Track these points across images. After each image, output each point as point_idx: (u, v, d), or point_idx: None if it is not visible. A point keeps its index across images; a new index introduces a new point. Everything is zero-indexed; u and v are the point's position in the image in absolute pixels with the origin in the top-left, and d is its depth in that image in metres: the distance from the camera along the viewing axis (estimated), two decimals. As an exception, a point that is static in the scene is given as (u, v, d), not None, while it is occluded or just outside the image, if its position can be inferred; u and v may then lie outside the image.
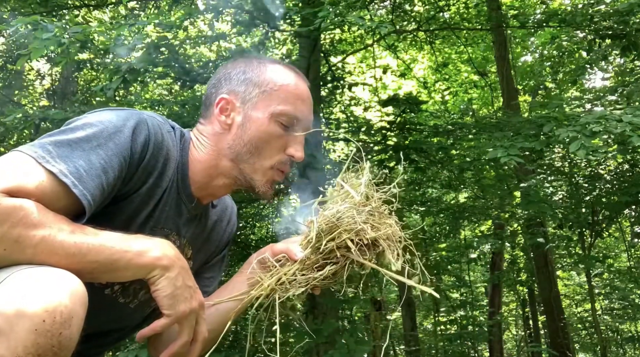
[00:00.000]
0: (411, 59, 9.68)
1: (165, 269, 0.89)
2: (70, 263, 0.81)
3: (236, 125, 1.04)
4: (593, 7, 5.42)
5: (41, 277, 0.75)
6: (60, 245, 0.81)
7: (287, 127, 1.04)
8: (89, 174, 0.87)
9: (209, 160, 1.07)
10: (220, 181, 1.08)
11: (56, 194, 0.85)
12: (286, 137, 1.04)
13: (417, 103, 5.70)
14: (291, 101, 1.04)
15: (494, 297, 8.56)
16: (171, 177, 1.03)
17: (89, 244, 0.84)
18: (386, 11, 6.94)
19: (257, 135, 1.03)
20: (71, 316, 0.73)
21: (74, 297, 0.75)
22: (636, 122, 3.41)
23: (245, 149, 1.03)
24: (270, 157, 1.04)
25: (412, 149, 5.42)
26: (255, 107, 1.04)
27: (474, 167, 5.84)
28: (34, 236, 0.80)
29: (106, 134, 0.92)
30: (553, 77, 8.26)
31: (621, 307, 8.89)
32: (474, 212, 6.91)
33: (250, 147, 1.03)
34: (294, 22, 5.20)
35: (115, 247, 0.86)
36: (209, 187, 1.09)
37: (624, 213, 7.07)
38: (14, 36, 3.87)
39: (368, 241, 0.99)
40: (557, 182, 6.69)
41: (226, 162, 1.05)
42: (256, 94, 1.04)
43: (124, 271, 0.87)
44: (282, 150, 1.05)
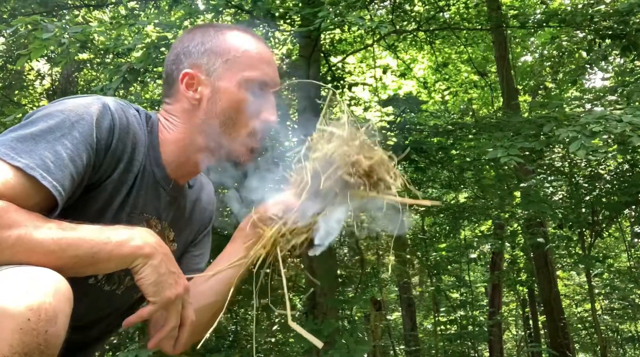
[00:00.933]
0: (411, 59, 9.68)
1: (147, 257, 0.88)
2: (50, 260, 0.80)
3: (205, 99, 1.02)
4: (593, 7, 5.42)
5: (22, 276, 0.75)
6: (37, 243, 0.80)
7: (256, 93, 1.02)
8: (56, 165, 0.85)
9: (183, 138, 1.04)
10: (197, 157, 1.05)
11: (26, 190, 0.84)
12: (258, 103, 1.02)
13: (417, 103, 5.70)
14: (256, 66, 1.02)
15: (494, 297, 8.56)
16: (142, 161, 1.01)
17: (67, 239, 0.83)
18: (386, 11, 6.94)
19: (229, 105, 1.01)
20: (56, 313, 0.73)
21: (58, 294, 0.74)
22: (636, 122, 3.42)
23: (219, 122, 1.01)
24: (246, 125, 1.02)
25: (412, 149, 5.42)
26: (221, 78, 1.02)
27: (474, 167, 5.84)
28: (9, 236, 0.79)
29: (69, 123, 0.89)
30: (553, 77, 8.26)
31: (621, 307, 8.90)
32: (474, 212, 6.91)
33: (224, 119, 1.01)
34: (294, 22, 5.20)
35: (95, 240, 0.85)
36: (186, 165, 1.06)
37: (624, 213, 7.07)
38: (14, 36, 3.88)
39: (364, 171, 0.97)
40: (557, 182, 6.69)
41: (202, 137, 1.03)
42: (220, 64, 1.02)
43: (106, 262, 0.86)
44: (257, 116, 1.02)
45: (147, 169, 1.02)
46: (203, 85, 1.02)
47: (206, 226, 1.26)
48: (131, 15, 5.95)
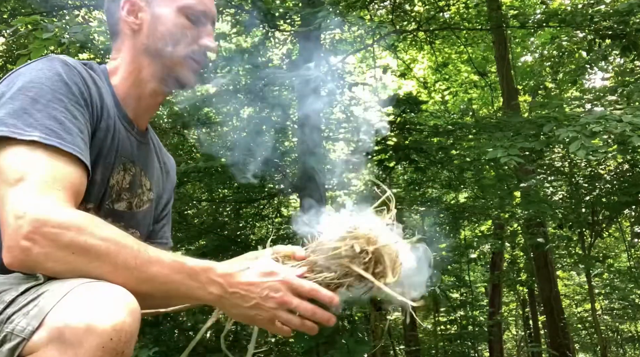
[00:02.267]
0: (411, 59, 9.68)
1: (216, 303, 0.93)
2: (129, 282, 0.81)
3: (146, 24, 1.05)
4: (593, 7, 5.42)
5: (106, 294, 0.76)
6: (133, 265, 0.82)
7: (194, 20, 1.06)
8: (64, 131, 0.87)
9: (131, 69, 1.07)
10: (149, 86, 1.08)
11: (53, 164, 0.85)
12: (196, 30, 1.06)
13: (417, 103, 5.69)
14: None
15: (494, 297, 8.56)
16: (109, 105, 1.03)
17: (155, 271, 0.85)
18: (386, 11, 6.94)
19: (169, 29, 1.04)
20: (133, 334, 0.75)
21: (134, 315, 0.76)
22: (636, 122, 3.42)
23: (161, 44, 1.04)
24: (185, 48, 1.05)
25: (412, 149, 5.42)
26: (161, 5, 1.05)
27: (474, 167, 5.84)
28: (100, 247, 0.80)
29: (47, 89, 0.90)
30: (553, 77, 8.26)
31: (621, 307, 8.89)
32: (474, 212, 6.91)
33: (165, 41, 1.04)
34: (294, 22, 5.20)
35: (176, 279, 0.87)
36: (142, 101, 1.08)
37: (624, 213, 7.07)
38: (14, 36, 3.88)
39: (372, 255, 0.97)
40: (557, 182, 6.69)
41: (147, 62, 1.06)
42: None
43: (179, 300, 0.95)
44: (195, 42, 1.06)
45: (115, 119, 1.04)
46: (143, 11, 1.06)
47: (171, 195, 1.28)
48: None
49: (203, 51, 1.07)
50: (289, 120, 6.37)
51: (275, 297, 0.91)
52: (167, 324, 5.86)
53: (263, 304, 0.91)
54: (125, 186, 1.06)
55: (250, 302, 0.91)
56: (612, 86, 5.79)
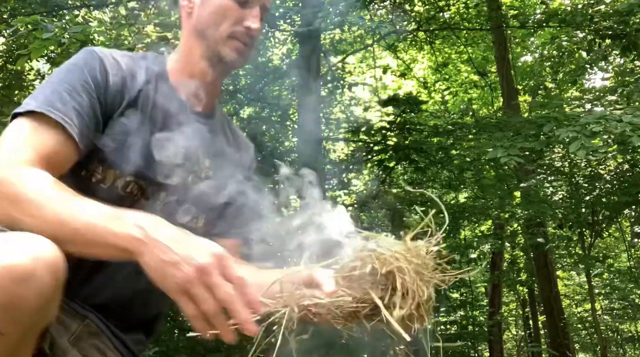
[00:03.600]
0: (411, 59, 9.68)
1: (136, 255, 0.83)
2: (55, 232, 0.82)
3: (197, 5, 1.15)
4: (593, 7, 5.42)
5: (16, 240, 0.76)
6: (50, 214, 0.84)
7: (240, 3, 1.13)
8: (61, 102, 0.98)
9: (183, 51, 1.17)
10: (197, 67, 1.16)
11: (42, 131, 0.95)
12: (242, 11, 1.12)
13: (417, 103, 5.70)
14: None
15: (494, 297, 8.56)
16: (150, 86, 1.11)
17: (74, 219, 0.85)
18: (386, 11, 6.94)
19: (214, 10, 1.12)
20: (28, 276, 0.73)
21: (38, 260, 0.74)
22: (636, 122, 3.42)
23: (206, 25, 1.13)
24: (228, 28, 1.12)
25: (412, 149, 5.42)
26: None
27: (474, 167, 5.84)
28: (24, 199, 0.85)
29: (63, 73, 1.04)
30: (553, 77, 8.26)
31: (621, 307, 8.90)
32: (474, 212, 6.91)
33: (210, 22, 1.13)
34: (294, 22, 5.20)
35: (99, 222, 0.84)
36: (195, 81, 1.16)
37: (624, 213, 7.07)
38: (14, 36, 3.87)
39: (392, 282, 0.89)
40: (557, 182, 6.69)
41: (197, 43, 1.15)
42: None
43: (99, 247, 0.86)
44: (239, 23, 1.13)
45: (166, 99, 1.13)
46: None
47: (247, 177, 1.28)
48: (131, 15, 5.95)
49: (246, 32, 1.13)
50: (289, 120, 6.37)
51: (199, 263, 0.80)
52: (167, 324, 5.85)
53: (182, 266, 0.80)
54: (178, 161, 1.11)
55: (170, 257, 0.81)
56: (612, 86, 5.80)
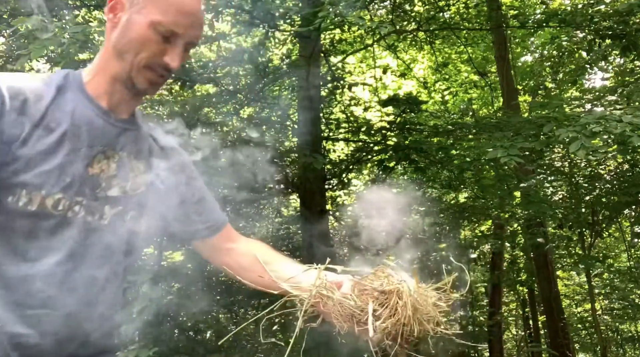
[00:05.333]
0: (411, 59, 9.68)
1: None
2: None
3: (121, 24, 1.10)
4: (593, 7, 5.42)
5: None
6: None
7: (165, 37, 1.09)
8: None
9: (101, 64, 1.14)
10: (112, 83, 1.13)
11: None
12: (164, 46, 1.09)
13: (417, 103, 5.69)
14: (171, 13, 1.08)
15: (494, 297, 8.56)
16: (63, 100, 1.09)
17: None
18: (386, 11, 6.93)
19: (136, 37, 1.08)
20: None
21: None
22: (636, 122, 3.42)
23: (125, 48, 1.09)
24: (147, 59, 1.09)
25: (412, 149, 5.42)
26: (139, 12, 1.09)
27: (474, 167, 5.83)
28: None
29: None
30: (553, 77, 8.26)
31: (621, 307, 8.89)
32: (474, 212, 6.91)
33: (129, 46, 1.09)
34: (294, 22, 5.20)
35: None
36: (113, 94, 1.14)
37: (624, 213, 7.07)
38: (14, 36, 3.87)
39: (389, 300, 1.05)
40: (557, 182, 6.69)
41: (113, 58, 1.12)
42: (143, 0, 1.10)
43: None
44: (160, 57, 1.10)
45: (82, 109, 1.10)
46: (124, 12, 1.11)
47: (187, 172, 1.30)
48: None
49: (163, 66, 1.10)
50: (289, 120, 6.37)
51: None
52: (167, 324, 5.85)
53: None
54: (113, 172, 1.10)
55: None
56: (612, 86, 5.79)
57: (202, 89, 6.52)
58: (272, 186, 6.85)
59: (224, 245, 1.33)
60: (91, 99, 1.12)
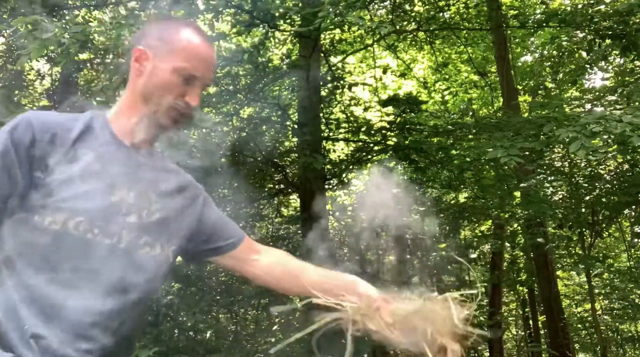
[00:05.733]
0: (411, 59, 9.68)
1: None
2: None
3: (147, 72, 1.27)
4: (593, 7, 5.42)
5: None
6: None
7: (186, 80, 1.25)
8: None
9: (126, 104, 1.29)
10: (139, 122, 1.27)
11: None
12: (185, 88, 1.26)
13: (417, 103, 5.70)
14: (191, 60, 1.26)
15: (494, 297, 8.55)
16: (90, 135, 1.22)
17: None
18: (386, 11, 6.94)
19: (161, 82, 1.25)
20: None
21: None
22: (636, 122, 3.42)
23: (151, 92, 1.25)
24: (171, 101, 1.25)
25: (412, 149, 5.42)
26: (162, 61, 1.26)
27: (474, 167, 5.83)
28: None
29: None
30: (553, 77, 8.26)
31: (621, 307, 8.89)
32: (474, 212, 6.91)
33: (155, 91, 1.25)
34: (294, 22, 5.19)
35: None
36: (135, 132, 1.28)
37: (624, 213, 7.07)
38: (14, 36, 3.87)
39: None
40: (557, 182, 6.69)
41: (139, 102, 1.27)
42: (165, 49, 1.27)
43: None
44: (181, 97, 1.26)
45: (107, 145, 1.24)
46: (149, 61, 1.27)
47: (200, 200, 1.42)
48: (131, 15, 5.94)
49: (185, 106, 1.26)
50: (289, 120, 6.37)
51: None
52: (167, 324, 5.86)
53: None
54: (131, 200, 1.22)
55: None
56: (612, 86, 5.79)
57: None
58: (272, 186, 6.85)
59: (248, 257, 1.45)
60: (115, 136, 1.26)
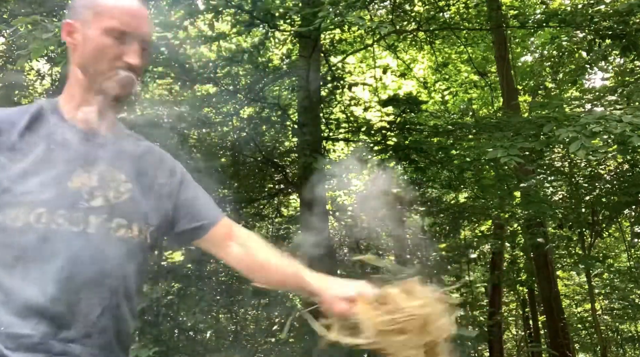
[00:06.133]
0: (411, 59, 9.68)
1: None
2: None
3: (79, 44, 1.22)
4: (593, 7, 5.42)
5: None
6: None
7: (118, 39, 1.20)
8: None
9: (71, 83, 1.25)
10: (87, 96, 1.23)
11: None
12: (121, 48, 1.20)
13: (417, 103, 5.69)
14: (117, 16, 1.20)
15: (494, 297, 8.55)
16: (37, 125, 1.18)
17: None
18: (386, 11, 6.94)
19: (94, 47, 1.20)
20: None
21: None
22: (636, 122, 3.42)
23: (88, 61, 1.20)
24: (109, 63, 1.19)
25: (412, 149, 5.42)
26: (90, 27, 1.21)
27: (474, 167, 5.83)
28: None
29: None
30: (553, 77, 8.26)
31: (621, 307, 8.89)
32: (474, 212, 6.90)
33: (92, 59, 1.20)
34: (294, 22, 5.19)
35: None
36: (85, 105, 1.23)
37: (624, 213, 7.07)
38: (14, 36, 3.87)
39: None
40: (557, 182, 6.69)
41: (81, 77, 1.22)
42: (90, 15, 1.21)
43: None
44: (119, 59, 1.20)
45: (57, 130, 1.20)
46: (77, 32, 1.22)
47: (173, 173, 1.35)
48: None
49: (126, 66, 1.20)
50: (289, 120, 6.37)
51: None
52: (167, 324, 5.86)
53: None
54: (94, 184, 1.17)
55: None
56: (612, 86, 5.79)
57: (202, 89, 6.52)
58: (272, 186, 6.85)
59: (222, 242, 1.36)
60: (65, 120, 1.21)
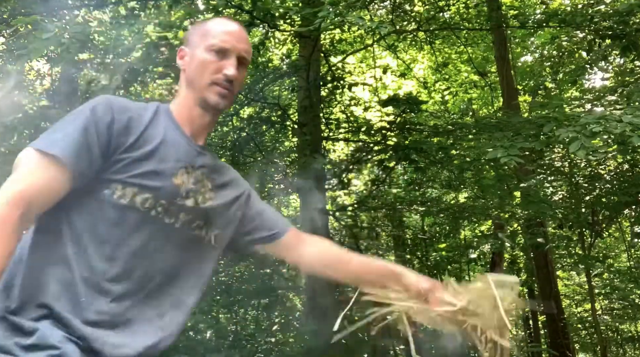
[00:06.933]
0: (411, 59, 9.68)
1: None
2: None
3: (187, 64, 1.39)
4: (593, 7, 5.42)
5: None
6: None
7: (218, 55, 1.35)
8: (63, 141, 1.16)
9: (182, 97, 1.40)
10: (194, 110, 1.38)
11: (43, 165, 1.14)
12: (220, 63, 1.35)
13: (417, 103, 5.69)
14: (218, 36, 1.36)
15: (494, 297, 8.54)
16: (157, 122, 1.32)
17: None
18: (386, 11, 6.94)
19: (197, 64, 1.36)
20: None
21: None
22: (636, 122, 3.41)
23: (193, 76, 1.36)
24: (209, 77, 1.34)
25: (412, 149, 5.41)
26: (196, 48, 1.37)
27: (474, 167, 5.83)
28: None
29: (73, 118, 1.22)
30: (553, 77, 8.26)
31: (621, 307, 8.89)
32: (474, 212, 6.90)
33: (196, 74, 1.36)
34: (294, 22, 5.19)
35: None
36: (193, 121, 1.39)
37: (624, 213, 7.07)
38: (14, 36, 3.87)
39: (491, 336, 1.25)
40: (557, 182, 6.69)
41: (189, 92, 1.38)
42: (198, 39, 1.38)
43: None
44: (219, 72, 1.35)
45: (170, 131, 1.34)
46: (187, 55, 1.40)
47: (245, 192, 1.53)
48: (131, 15, 5.94)
49: (225, 78, 1.35)
50: (289, 120, 6.37)
51: None
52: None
53: None
54: (190, 185, 1.31)
55: None
56: (612, 86, 5.79)
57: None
58: (272, 186, 6.85)
59: (295, 245, 1.54)
60: (177, 125, 1.36)
